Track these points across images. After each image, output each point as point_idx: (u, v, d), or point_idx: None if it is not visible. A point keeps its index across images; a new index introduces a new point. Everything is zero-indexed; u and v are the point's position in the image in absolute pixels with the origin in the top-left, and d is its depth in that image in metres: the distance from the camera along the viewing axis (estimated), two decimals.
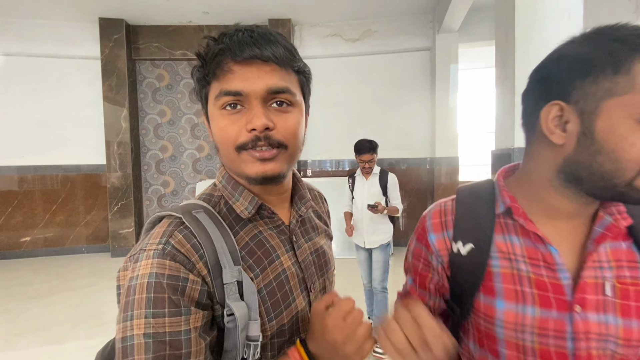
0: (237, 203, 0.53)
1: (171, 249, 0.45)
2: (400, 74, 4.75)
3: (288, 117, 0.50)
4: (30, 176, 4.64)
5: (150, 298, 0.43)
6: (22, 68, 4.55)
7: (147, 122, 4.94)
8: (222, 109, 0.49)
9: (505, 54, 1.90)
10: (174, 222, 0.48)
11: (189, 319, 0.44)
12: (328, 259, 0.63)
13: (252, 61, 0.47)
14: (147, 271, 0.44)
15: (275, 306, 0.51)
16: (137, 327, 0.42)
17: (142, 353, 0.41)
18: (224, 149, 0.51)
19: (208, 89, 0.51)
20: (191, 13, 4.46)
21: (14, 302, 3.18)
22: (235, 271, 0.47)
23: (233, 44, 0.47)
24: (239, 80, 0.47)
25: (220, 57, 0.47)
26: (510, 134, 1.84)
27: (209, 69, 0.49)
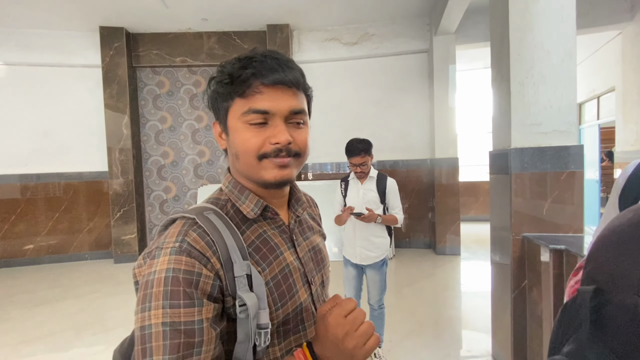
0: (244, 205, 0.59)
1: (187, 246, 0.50)
2: (398, 76, 4.79)
3: (302, 132, 0.59)
4: (32, 184, 4.67)
5: (167, 291, 0.47)
6: (23, 77, 4.60)
7: (148, 128, 4.98)
8: (248, 124, 0.56)
9: (500, 55, 1.92)
10: (188, 223, 0.54)
11: (201, 310, 0.48)
12: (324, 256, 0.70)
13: (278, 85, 0.55)
14: (165, 267, 0.49)
15: (281, 297, 0.57)
16: (155, 316, 0.47)
17: (160, 339, 0.46)
18: (245, 156, 0.57)
19: (231, 103, 0.57)
20: (190, 20, 4.51)
21: (18, 309, 3.20)
22: (245, 265, 0.52)
23: (264, 69, 0.54)
24: (267, 101, 0.55)
25: (251, 79, 0.54)
26: (507, 135, 1.86)
27: (236, 88, 0.55)
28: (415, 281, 3.61)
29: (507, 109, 1.85)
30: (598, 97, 5.58)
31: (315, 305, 0.63)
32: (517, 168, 1.80)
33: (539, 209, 1.79)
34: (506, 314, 1.92)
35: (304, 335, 0.61)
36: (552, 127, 1.78)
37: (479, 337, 2.44)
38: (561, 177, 1.77)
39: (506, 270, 1.91)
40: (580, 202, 1.77)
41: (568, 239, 1.66)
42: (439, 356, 2.21)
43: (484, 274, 3.73)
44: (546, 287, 1.67)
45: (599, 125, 5.57)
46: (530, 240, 1.76)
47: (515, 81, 1.80)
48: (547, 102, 1.78)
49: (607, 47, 5.04)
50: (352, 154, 2.00)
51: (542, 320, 1.71)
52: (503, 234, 1.94)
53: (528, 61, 1.78)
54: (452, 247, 4.47)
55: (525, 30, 1.79)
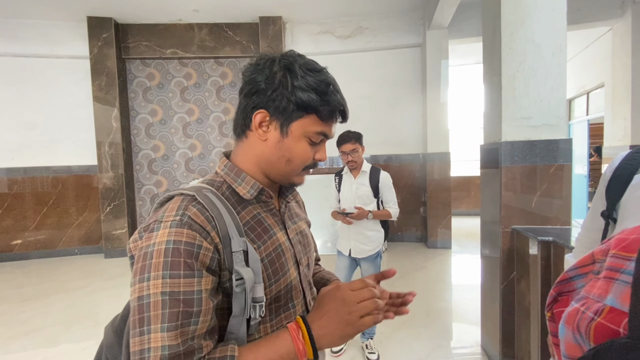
0: (240, 187, 0.62)
1: (188, 219, 0.52)
2: (391, 70, 4.78)
3: None
4: (19, 178, 4.57)
5: (167, 262, 0.49)
6: (9, 68, 4.47)
7: (138, 121, 4.90)
8: (310, 139, 0.62)
9: (492, 50, 1.93)
10: (187, 199, 0.55)
11: (201, 281, 0.50)
12: (309, 241, 0.74)
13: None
14: (165, 238, 0.50)
15: (274, 273, 0.60)
16: (155, 286, 0.48)
17: (158, 309, 0.47)
18: (298, 164, 0.63)
19: (305, 115, 0.60)
20: (181, 11, 4.42)
21: (6, 304, 3.15)
22: (242, 242, 0.55)
23: (342, 106, 0.62)
24: (331, 129, 0.63)
25: (336, 111, 0.61)
26: (497, 128, 1.87)
27: (321, 109, 0.59)
28: (407, 274, 3.65)
29: (498, 102, 1.86)
30: (588, 93, 5.66)
31: (303, 284, 0.67)
32: (507, 161, 1.82)
33: (528, 202, 1.82)
34: (495, 305, 1.95)
35: (294, 312, 0.64)
36: (542, 120, 1.80)
37: (468, 328, 2.48)
38: (550, 170, 1.79)
39: (495, 263, 1.94)
40: (568, 195, 1.80)
41: (556, 231, 1.69)
42: (429, 347, 2.25)
43: (474, 267, 3.79)
44: (534, 278, 1.70)
45: (588, 121, 5.66)
46: (519, 232, 1.79)
47: (506, 75, 1.81)
48: (538, 96, 1.79)
49: (597, 43, 5.10)
50: (343, 140, 2.01)
51: (530, 311, 1.74)
52: (493, 227, 1.97)
53: (519, 55, 1.79)
54: (443, 241, 4.52)
55: (516, 24, 1.80)
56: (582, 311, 0.38)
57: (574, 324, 0.39)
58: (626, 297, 0.34)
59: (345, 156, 2.04)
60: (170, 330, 0.46)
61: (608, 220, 0.72)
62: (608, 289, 0.37)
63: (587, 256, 0.47)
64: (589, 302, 0.38)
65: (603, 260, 0.42)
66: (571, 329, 0.39)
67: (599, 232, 0.75)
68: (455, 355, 2.18)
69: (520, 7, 1.79)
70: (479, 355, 2.14)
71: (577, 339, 0.38)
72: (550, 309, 0.51)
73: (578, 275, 0.47)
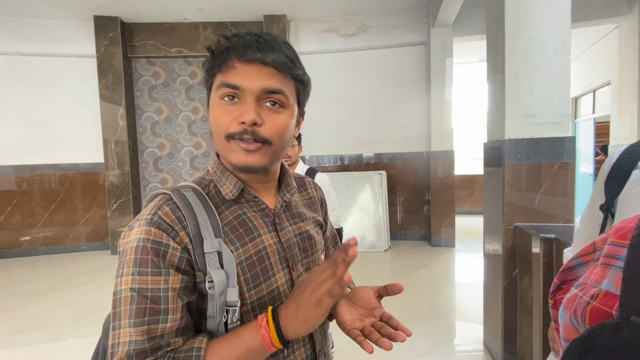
0: (224, 186, 0.60)
1: (157, 218, 0.52)
2: (395, 68, 4.78)
3: (277, 117, 0.56)
4: (28, 175, 4.65)
5: (137, 259, 0.50)
6: (17, 67, 4.54)
7: (144, 119, 4.95)
8: (221, 99, 0.55)
9: (496, 47, 1.93)
10: (164, 198, 0.56)
11: (167, 279, 0.50)
12: (314, 243, 0.67)
13: (253, 62, 0.54)
14: (137, 236, 0.51)
15: (254, 277, 0.57)
16: (125, 282, 0.49)
17: (127, 304, 0.48)
18: (216, 135, 0.57)
19: (213, 79, 0.57)
20: (186, 10, 4.45)
21: (16, 299, 3.21)
22: (216, 242, 0.53)
23: (240, 44, 0.54)
24: (239, 76, 0.54)
25: (226, 53, 0.54)
26: (501, 126, 1.87)
27: (216, 62, 0.56)
28: (410, 272, 3.65)
29: (501, 100, 1.86)
30: (594, 91, 5.61)
31: None
32: (510, 159, 1.82)
33: (532, 200, 1.82)
34: (497, 302, 1.96)
35: None
36: (546, 118, 1.80)
37: (471, 326, 2.48)
38: (553, 168, 1.79)
39: (498, 260, 1.94)
40: (572, 193, 1.80)
41: (558, 229, 1.69)
42: (432, 344, 2.26)
43: (478, 265, 3.78)
44: (536, 276, 1.71)
45: (594, 120, 5.61)
46: (522, 229, 1.79)
47: (509, 73, 1.81)
48: (541, 94, 1.79)
49: (604, 41, 5.05)
50: None
51: (532, 308, 1.75)
52: (496, 225, 1.97)
53: (523, 52, 1.79)
54: (446, 240, 4.52)
55: (520, 21, 1.79)
56: (579, 296, 0.40)
57: (572, 308, 0.40)
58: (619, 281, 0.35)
59: None
60: (137, 326, 0.47)
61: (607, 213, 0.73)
62: (604, 275, 0.38)
63: (588, 245, 0.48)
64: (587, 287, 0.40)
65: (602, 248, 0.44)
66: (569, 313, 0.40)
67: (598, 226, 0.76)
68: (457, 352, 2.19)
69: (524, 4, 1.79)
70: (482, 352, 2.15)
71: (574, 322, 0.40)
72: (553, 297, 0.52)
73: (580, 264, 0.49)
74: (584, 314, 0.38)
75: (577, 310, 0.39)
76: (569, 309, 0.41)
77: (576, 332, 0.39)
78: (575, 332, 0.39)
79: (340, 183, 4.51)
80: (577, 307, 0.39)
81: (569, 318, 0.40)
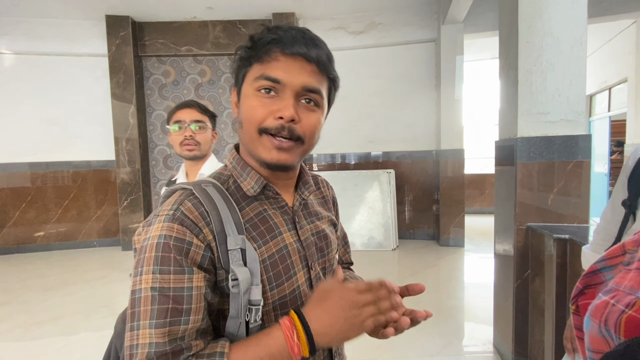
0: (245, 182, 0.58)
1: (180, 214, 0.50)
2: (405, 66, 4.73)
3: (312, 116, 0.55)
4: (42, 172, 4.75)
5: (158, 256, 0.48)
6: (32, 66, 4.64)
7: (154, 118, 5.01)
8: (257, 90, 0.53)
9: (509, 43, 1.89)
10: (185, 193, 0.54)
11: (191, 277, 0.48)
12: (330, 242, 0.66)
13: (297, 57, 0.52)
14: (158, 233, 0.49)
15: (277, 276, 0.55)
16: (145, 281, 0.47)
17: (148, 304, 0.46)
18: (248, 127, 0.55)
19: (249, 69, 0.55)
20: (196, 9, 4.48)
21: (30, 293, 3.29)
22: (239, 239, 0.52)
23: (286, 37, 0.52)
24: (281, 70, 0.52)
25: (271, 44, 0.52)
26: (513, 124, 1.84)
27: (256, 52, 0.54)
28: (418, 271, 3.62)
29: (514, 97, 1.82)
30: (609, 88, 5.46)
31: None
32: (522, 158, 1.79)
33: (544, 200, 1.78)
34: (508, 303, 1.93)
35: None
36: (560, 116, 1.75)
37: (480, 327, 2.45)
38: (567, 167, 1.75)
39: (509, 261, 1.91)
40: (587, 193, 1.75)
41: (572, 229, 1.65)
42: (440, 344, 2.23)
43: (488, 266, 3.73)
44: (549, 277, 1.67)
45: (609, 118, 5.47)
46: (534, 230, 1.75)
47: (523, 69, 1.77)
48: (555, 91, 1.75)
49: (620, 37, 4.91)
50: (183, 105, 1.40)
51: (545, 310, 1.71)
52: (507, 224, 1.94)
53: (537, 48, 1.75)
54: (455, 239, 4.46)
55: (534, 16, 1.75)
56: (612, 304, 0.36)
57: (601, 317, 0.37)
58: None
59: (179, 133, 1.31)
60: (158, 327, 0.45)
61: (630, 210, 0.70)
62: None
63: (617, 247, 0.44)
64: (620, 294, 0.36)
65: (635, 251, 0.40)
66: (598, 321, 0.37)
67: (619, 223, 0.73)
68: (466, 353, 2.16)
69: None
70: (491, 353, 2.12)
71: (604, 332, 0.36)
72: (575, 302, 0.48)
73: (607, 267, 0.45)
74: (617, 324, 0.34)
75: (608, 319, 0.35)
76: (597, 317, 0.37)
77: (606, 343, 0.36)
78: (604, 343, 0.36)
79: (348, 182, 4.49)
80: (609, 316, 0.36)
81: (597, 327, 0.37)
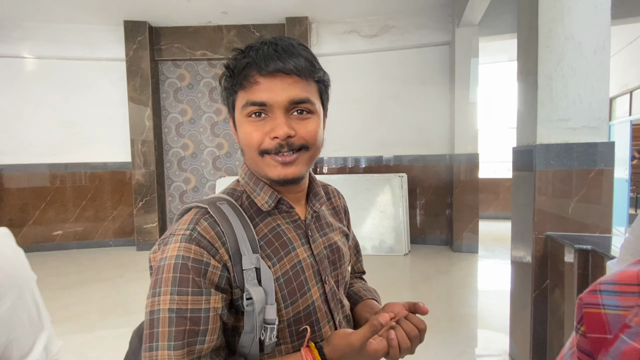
0: (258, 197, 0.58)
1: (197, 235, 0.50)
2: (418, 69, 4.69)
3: (308, 123, 0.55)
4: (61, 173, 4.89)
5: (176, 277, 0.48)
6: (53, 70, 4.79)
7: (169, 120, 5.10)
8: (248, 116, 0.54)
9: (528, 48, 1.85)
10: (200, 212, 0.54)
11: (209, 299, 0.49)
12: (342, 255, 0.66)
13: (275, 74, 0.51)
14: (175, 253, 0.49)
15: (291, 294, 0.55)
16: (164, 302, 0.47)
17: (165, 325, 0.46)
18: (248, 152, 0.55)
19: (235, 97, 0.56)
20: (210, 13, 4.55)
21: (49, 291, 3.38)
22: (254, 258, 0.51)
23: (259, 57, 0.51)
24: (264, 92, 0.52)
25: (247, 70, 0.52)
26: (532, 130, 1.80)
27: (236, 80, 0.54)
28: (431, 277, 3.57)
29: (533, 103, 1.78)
30: (631, 91, 5.29)
31: (330, 304, 0.60)
32: (542, 165, 1.74)
33: (565, 208, 1.74)
34: (526, 313, 1.88)
35: (319, 336, 0.58)
36: (582, 122, 1.71)
37: (495, 336, 2.40)
38: (589, 175, 1.70)
39: (527, 270, 1.86)
40: (609, 202, 1.70)
41: (594, 239, 1.60)
42: (454, 353, 2.20)
43: (502, 273, 3.65)
44: (569, 288, 1.62)
45: (630, 122, 5.30)
46: (554, 239, 1.71)
47: (543, 74, 1.73)
48: (577, 97, 1.70)
49: None
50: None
51: (564, 322, 1.66)
52: (525, 232, 1.89)
53: (557, 53, 1.71)
54: (469, 245, 4.39)
55: (555, 20, 1.71)
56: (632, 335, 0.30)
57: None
58: None
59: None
60: (177, 349, 0.45)
61: None
62: None
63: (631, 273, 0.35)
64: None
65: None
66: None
67: None
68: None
69: (559, 2, 1.71)
70: None
71: None
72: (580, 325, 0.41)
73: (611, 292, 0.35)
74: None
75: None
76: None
77: None
78: None
79: (359, 185, 4.47)
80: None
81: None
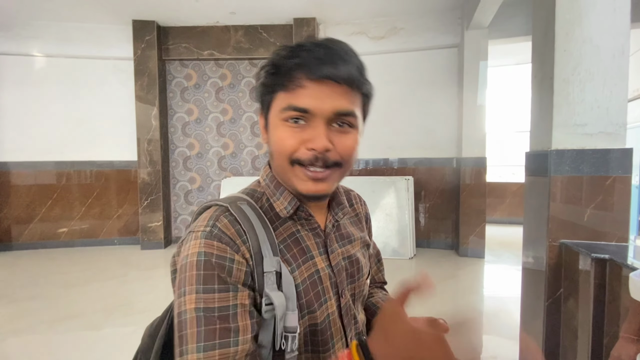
0: (278, 202, 0.55)
1: (218, 231, 0.48)
2: (426, 72, 4.65)
3: (347, 138, 0.51)
4: (67, 171, 4.91)
5: (200, 275, 0.45)
6: (61, 69, 4.81)
7: (175, 120, 5.10)
8: (285, 121, 0.50)
9: (544, 51, 1.81)
10: (220, 209, 0.51)
11: (236, 295, 0.46)
12: (361, 267, 0.62)
13: (325, 81, 0.47)
14: (196, 250, 0.46)
15: (309, 303, 0.52)
16: (189, 302, 0.44)
17: (194, 326, 0.43)
18: (279, 158, 0.52)
19: (273, 96, 0.51)
20: (218, 13, 4.55)
21: (54, 288, 3.39)
22: (275, 262, 0.49)
23: (310, 60, 0.47)
24: (308, 98, 0.48)
25: (294, 71, 0.48)
26: (547, 135, 1.76)
27: (279, 79, 0.50)
28: (437, 282, 3.53)
29: (548, 108, 1.75)
30: None
31: (343, 320, 0.56)
32: (557, 171, 1.71)
33: (580, 215, 1.69)
34: (538, 322, 1.84)
35: (333, 353, 0.53)
36: (599, 128, 1.66)
37: (503, 342, 2.36)
38: (606, 182, 1.66)
39: (540, 277, 1.82)
40: (627, 209, 1.65)
41: (611, 248, 1.56)
42: None
43: (510, 278, 3.60)
44: (584, 298, 1.58)
45: None
46: (569, 247, 1.67)
47: (559, 78, 1.69)
48: (594, 102, 1.66)
49: None
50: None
51: (578, 332, 1.62)
52: (538, 239, 1.85)
53: (575, 57, 1.67)
54: (475, 250, 4.33)
55: (573, 23, 1.68)
56: None
57: None
58: None
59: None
60: (207, 350, 0.42)
61: None
62: None
63: None
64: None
65: None
66: None
67: None
68: None
69: (577, 5, 1.67)
70: None
71: None
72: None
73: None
74: None
75: None
76: None
77: None
78: None
79: (365, 187, 4.44)
80: None
81: None
